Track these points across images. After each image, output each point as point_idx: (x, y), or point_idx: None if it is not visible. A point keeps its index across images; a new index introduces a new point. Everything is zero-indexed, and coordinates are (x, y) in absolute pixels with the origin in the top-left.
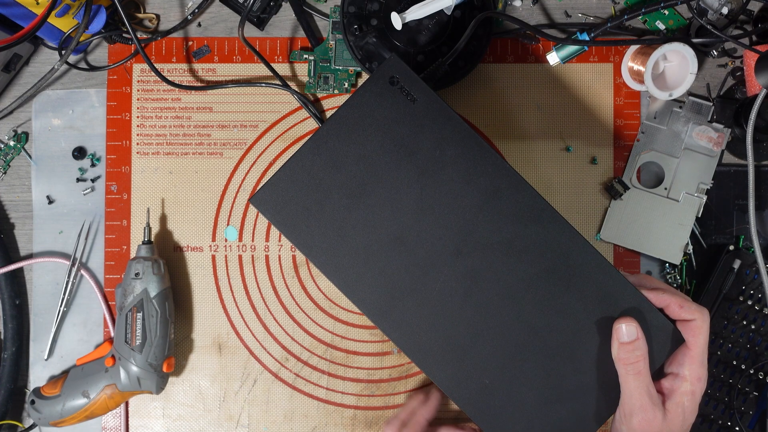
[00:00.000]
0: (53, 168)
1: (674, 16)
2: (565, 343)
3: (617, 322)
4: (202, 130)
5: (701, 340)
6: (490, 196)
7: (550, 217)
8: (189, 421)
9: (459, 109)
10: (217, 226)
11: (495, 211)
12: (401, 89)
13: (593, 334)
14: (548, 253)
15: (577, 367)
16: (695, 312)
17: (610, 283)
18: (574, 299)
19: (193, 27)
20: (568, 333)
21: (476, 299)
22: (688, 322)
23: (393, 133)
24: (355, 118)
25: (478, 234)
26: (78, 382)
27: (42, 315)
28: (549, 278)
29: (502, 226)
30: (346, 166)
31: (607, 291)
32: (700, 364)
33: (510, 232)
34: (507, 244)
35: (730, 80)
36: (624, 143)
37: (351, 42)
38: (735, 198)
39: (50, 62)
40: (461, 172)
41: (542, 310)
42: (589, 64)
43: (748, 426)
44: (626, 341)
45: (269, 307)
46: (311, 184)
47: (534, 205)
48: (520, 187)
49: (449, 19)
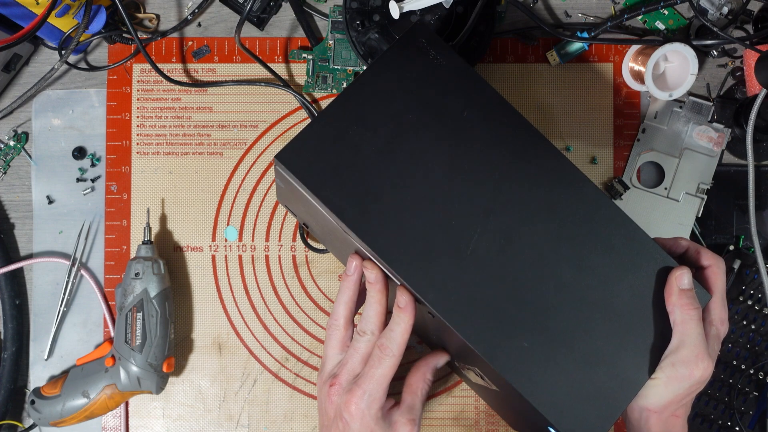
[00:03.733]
0: (53, 168)
1: (674, 16)
2: (600, 304)
3: (676, 270)
4: (202, 130)
5: (719, 284)
6: (518, 157)
7: (576, 179)
8: (189, 421)
9: None
10: (217, 226)
11: (524, 171)
12: (428, 53)
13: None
14: (577, 213)
15: (613, 329)
16: (711, 258)
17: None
18: (607, 259)
19: (193, 27)
20: (602, 293)
21: (510, 259)
22: (705, 269)
23: (421, 94)
24: (383, 78)
25: (508, 193)
26: (78, 382)
27: (42, 315)
28: (579, 238)
29: (532, 186)
30: (375, 125)
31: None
32: (721, 308)
33: (539, 191)
34: (537, 204)
35: (730, 80)
36: (624, 143)
37: (353, 38)
38: (735, 198)
39: (50, 62)
40: (489, 133)
41: (576, 270)
42: (589, 64)
43: (748, 426)
44: (687, 288)
45: (269, 307)
46: (340, 142)
47: (560, 167)
48: (547, 148)
49: (451, 15)
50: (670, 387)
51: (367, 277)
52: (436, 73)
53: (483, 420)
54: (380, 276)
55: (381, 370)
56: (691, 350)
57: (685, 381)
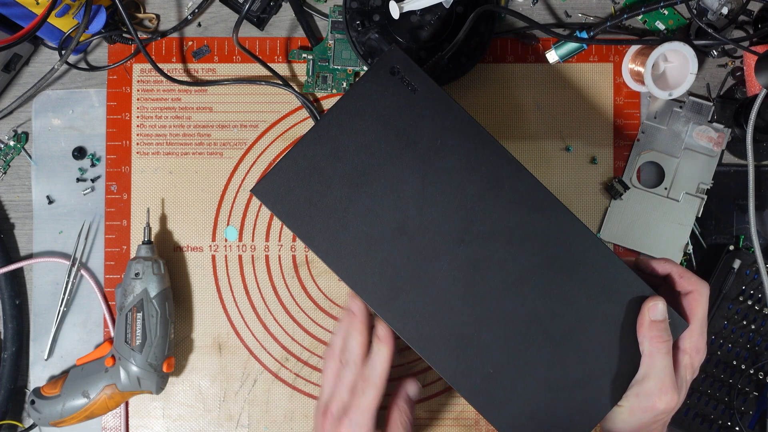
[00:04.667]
0: (53, 168)
1: (674, 16)
2: (569, 331)
3: (650, 300)
4: (202, 130)
5: (700, 312)
6: (491, 184)
7: (551, 206)
8: (189, 421)
9: None
10: (217, 226)
11: (497, 199)
12: (402, 79)
13: (597, 321)
14: (551, 240)
15: (581, 355)
16: (695, 283)
17: (611, 270)
18: (577, 287)
19: (192, 27)
20: (572, 320)
21: (479, 288)
22: (688, 294)
23: (394, 122)
24: (356, 108)
25: (481, 223)
26: (78, 382)
27: (42, 315)
28: (552, 266)
29: (505, 214)
30: (348, 155)
31: (610, 278)
32: (698, 336)
33: (512, 220)
34: (509, 232)
35: (730, 80)
36: (624, 143)
37: (353, 38)
38: (735, 198)
39: (50, 62)
40: (463, 160)
41: (545, 298)
42: (589, 63)
43: (748, 426)
44: (659, 319)
45: (269, 307)
46: (313, 174)
47: (535, 193)
48: (522, 175)
49: (451, 15)
50: (634, 416)
51: (349, 306)
52: (409, 100)
53: (483, 420)
54: (361, 307)
55: (365, 400)
56: (655, 383)
57: (649, 412)
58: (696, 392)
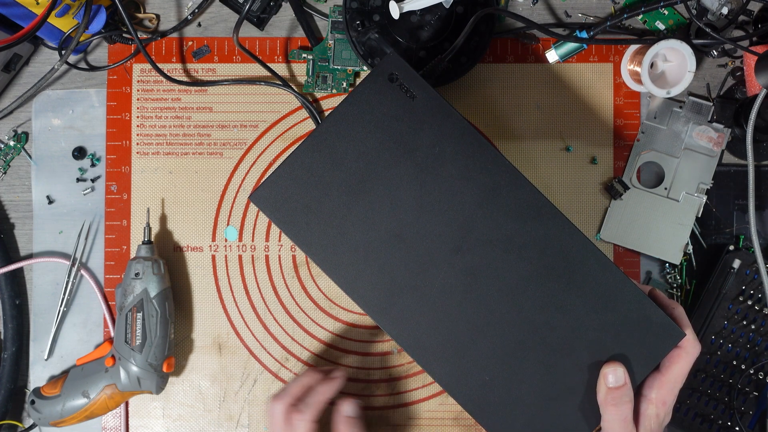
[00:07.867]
0: (53, 168)
1: (674, 15)
2: (565, 340)
3: (608, 366)
4: (202, 130)
5: (677, 368)
6: (489, 192)
7: (549, 214)
8: (189, 421)
9: (458, 108)
10: (217, 226)
11: (494, 207)
12: (400, 86)
13: (593, 330)
14: (548, 249)
15: (576, 364)
16: (687, 342)
17: (610, 279)
18: (574, 296)
19: (192, 27)
20: (568, 329)
21: (476, 296)
22: (677, 347)
23: (392, 130)
24: (354, 115)
25: (478, 231)
26: (78, 382)
27: (42, 315)
28: (549, 275)
29: (502, 222)
30: (345, 163)
31: (607, 287)
32: (668, 391)
33: (509, 228)
34: (506, 240)
35: (730, 80)
36: (624, 143)
37: (353, 38)
38: (735, 198)
39: (50, 62)
40: (460, 168)
41: (542, 306)
42: (588, 63)
43: (748, 426)
44: (614, 386)
45: (269, 307)
46: (310, 181)
47: (533, 201)
48: (520, 183)
49: (452, 15)
50: None
51: None
52: (408, 107)
53: None
54: None
55: None
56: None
57: None
58: (696, 392)
